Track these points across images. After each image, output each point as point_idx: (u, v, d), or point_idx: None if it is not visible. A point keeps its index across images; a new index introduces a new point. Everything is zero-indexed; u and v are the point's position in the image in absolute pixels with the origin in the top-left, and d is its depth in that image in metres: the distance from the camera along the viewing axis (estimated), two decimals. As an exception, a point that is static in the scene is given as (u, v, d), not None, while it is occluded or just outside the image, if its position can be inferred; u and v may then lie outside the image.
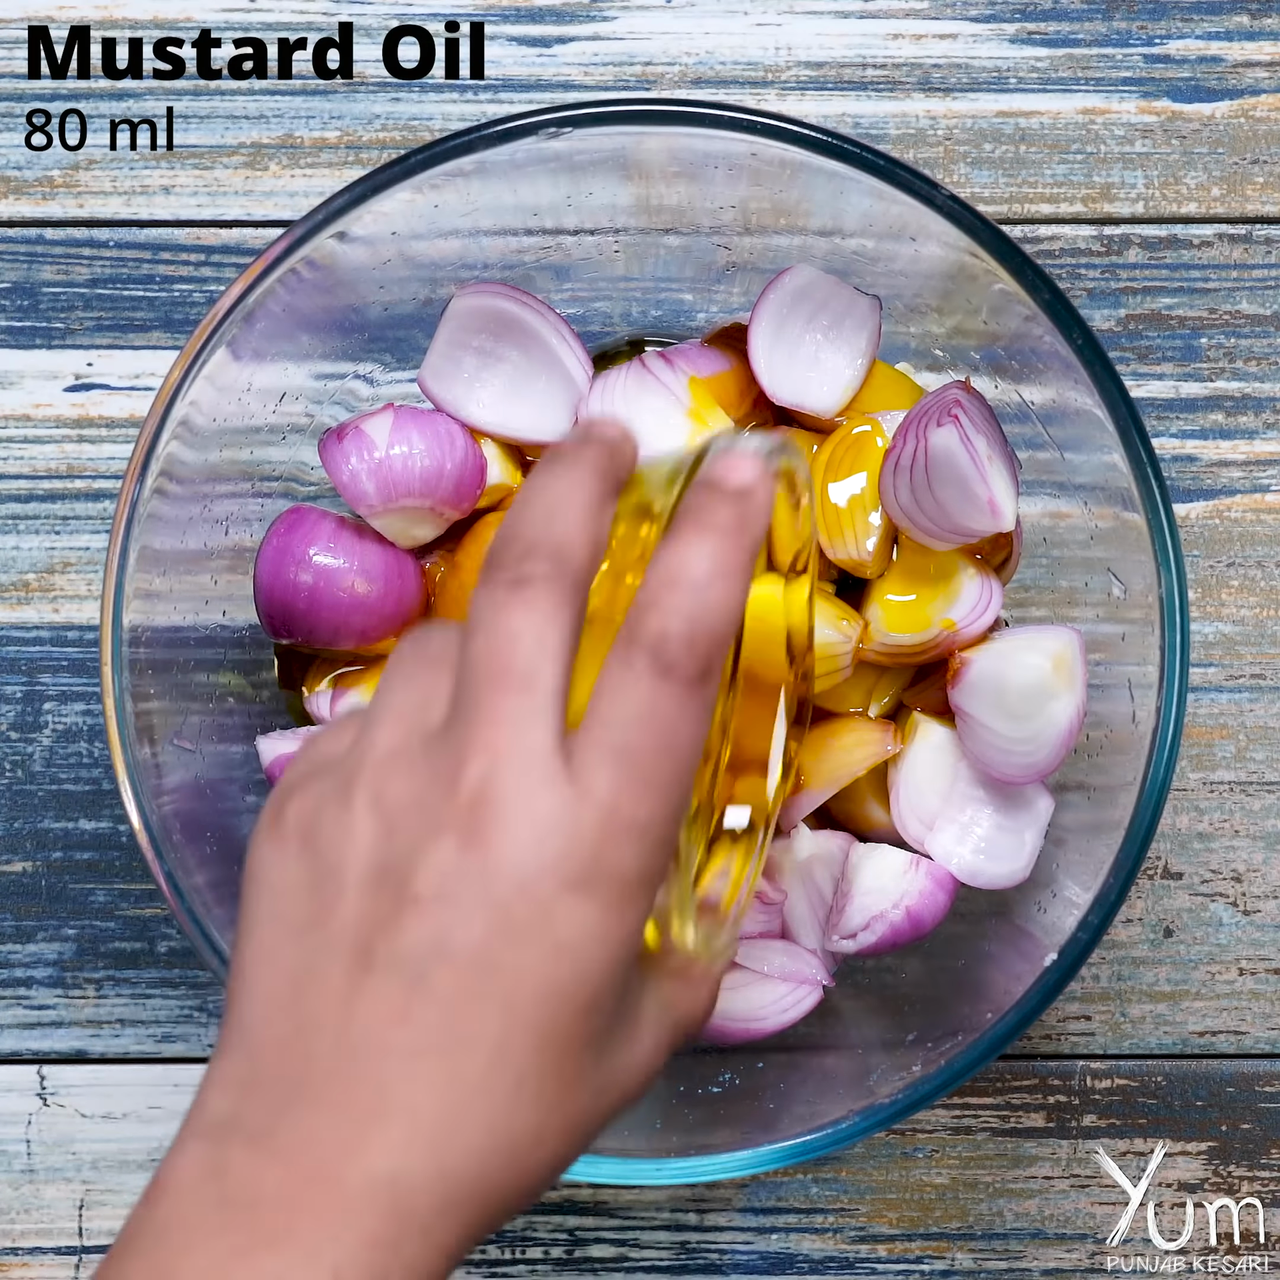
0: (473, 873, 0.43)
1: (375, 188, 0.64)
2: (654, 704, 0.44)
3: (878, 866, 0.71)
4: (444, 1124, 0.43)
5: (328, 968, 0.44)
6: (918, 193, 0.64)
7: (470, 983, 0.43)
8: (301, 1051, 0.44)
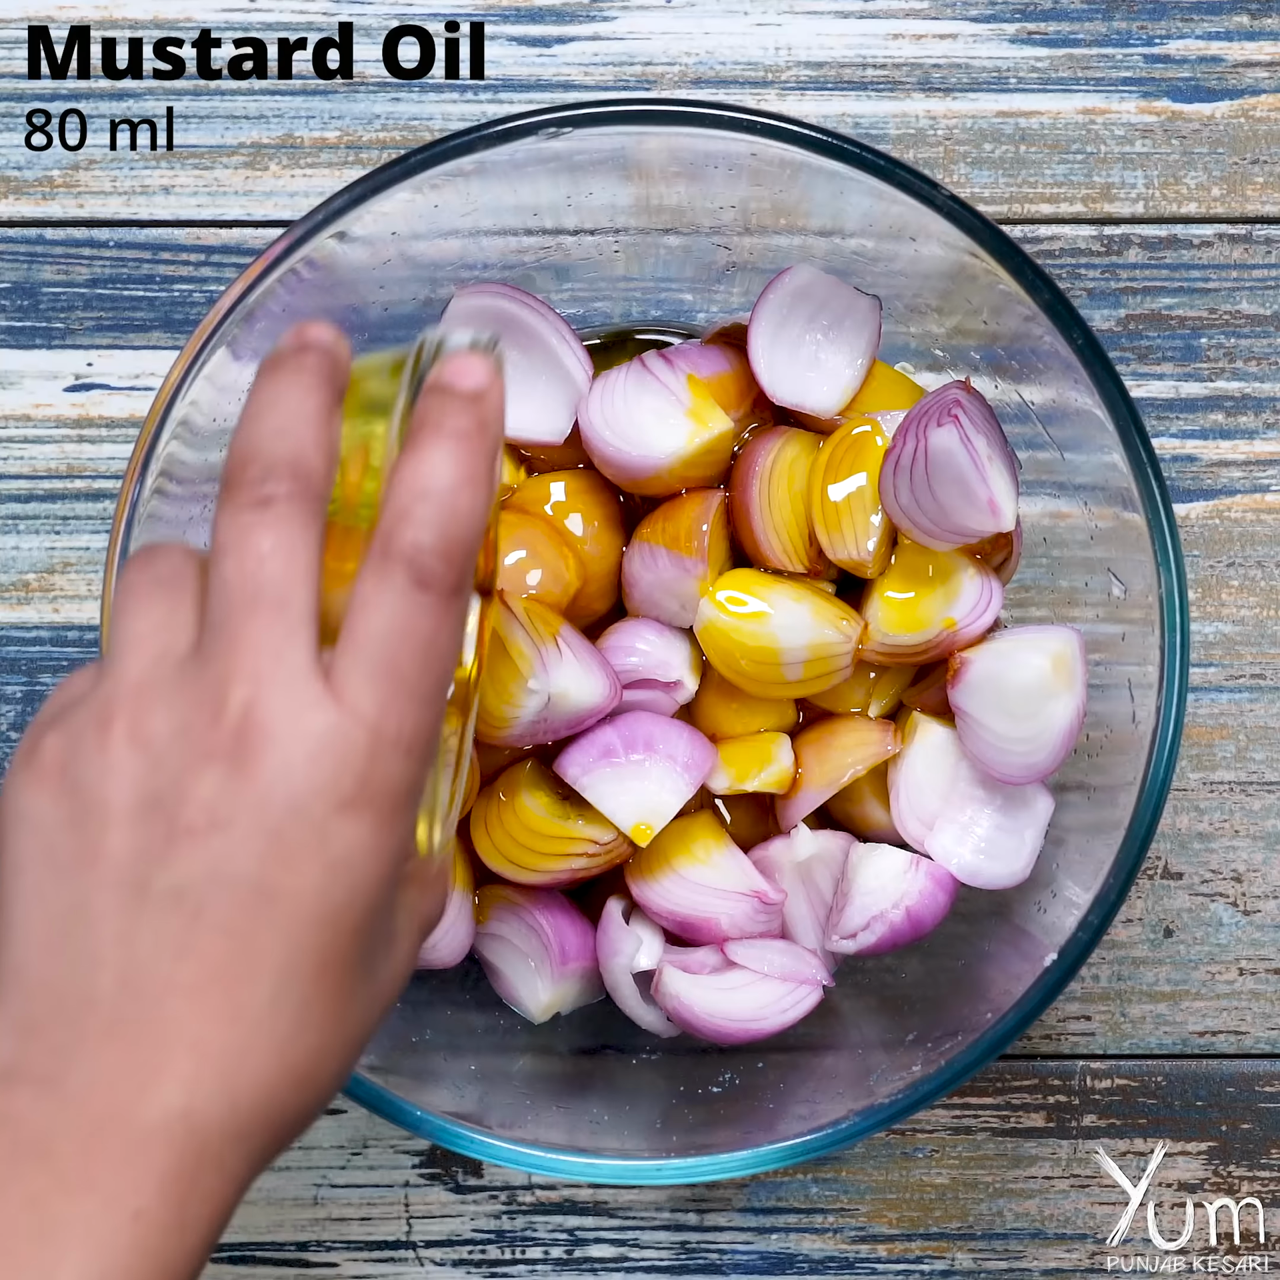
0: (244, 799, 0.43)
1: (375, 188, 0.64)
2: (412, 617, 0.44)
3: (878, 866, 0.71)
4: (231, 1056, 0.43)
5: (100, 904, 0.43)
6: (918, 193, 0.64)
7: (249, 910, 0.43)
8: (81, 991, 0.43)
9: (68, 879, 0.44)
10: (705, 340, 0.74)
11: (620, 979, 0.71)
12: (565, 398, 0.72)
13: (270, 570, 0.44)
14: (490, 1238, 0.80)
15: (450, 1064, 0.72)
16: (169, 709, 0.44)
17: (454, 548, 0.45)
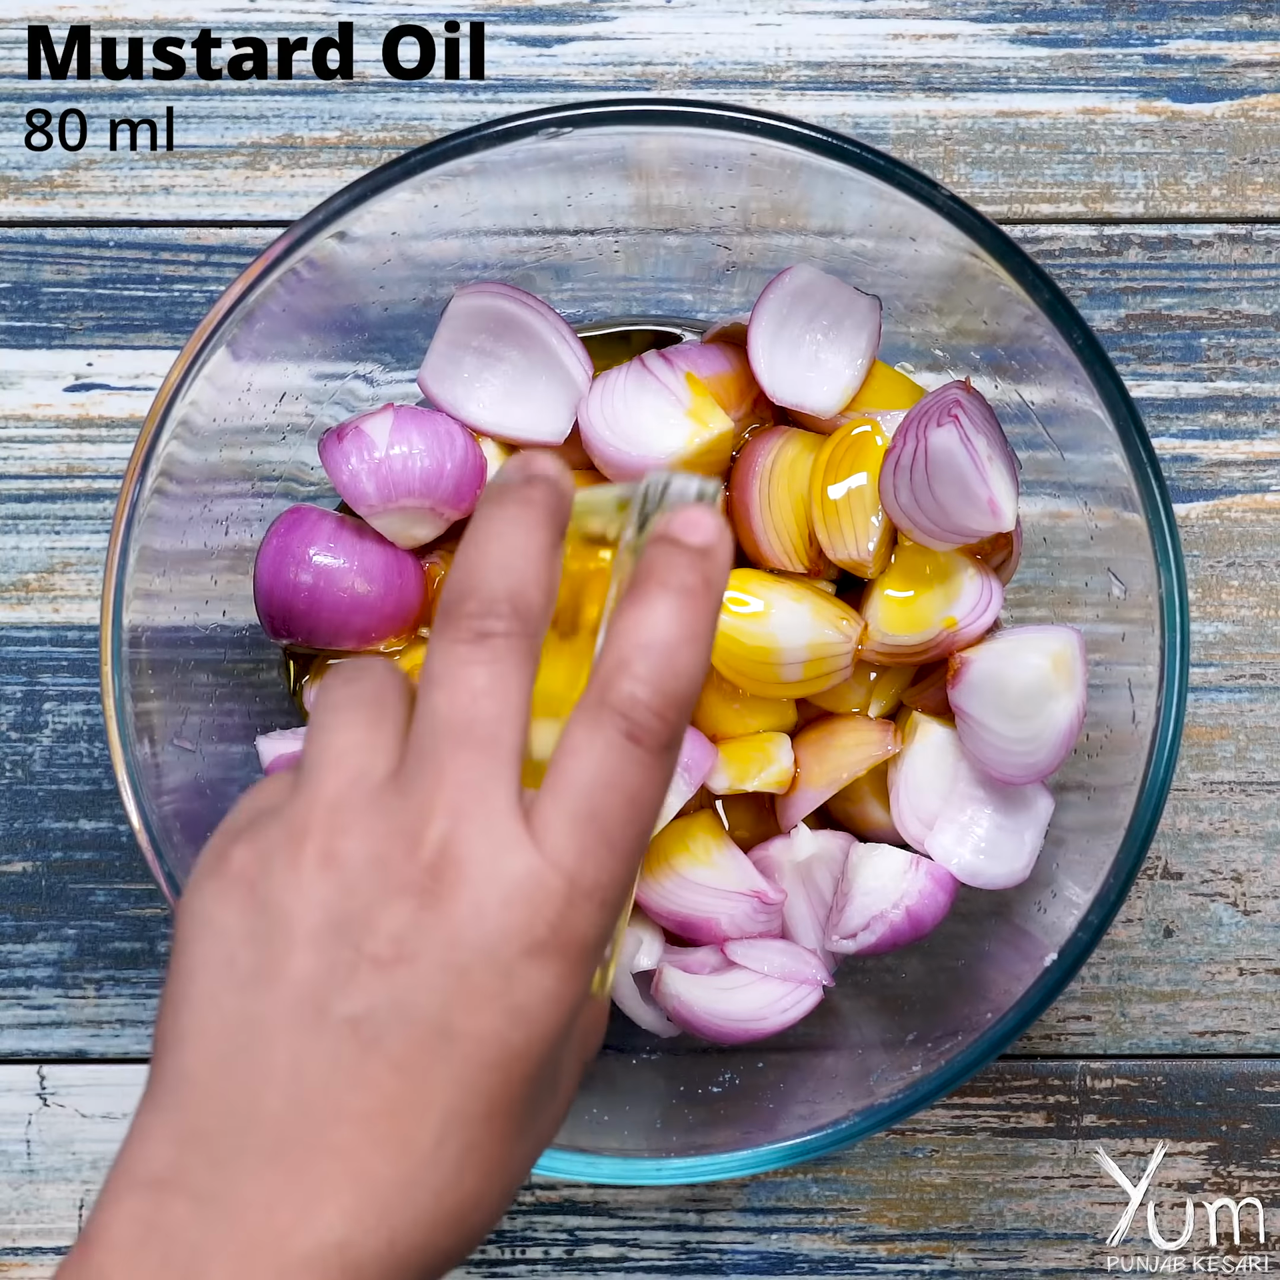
0: (434, 935, 0.42)
1: (375, 188, 0.64)
2: (622, 770, 0.43)
3: (878, 866, 0.71)
4: (395, 1191, 0.42)
5: (276, 1023, 0.43)
6: (918, 193, 0.64)
7: (426, 1047, 0.42)
8: (249, 1107, 0.42)
9: (247, 993, 0.43)
10: (705, 340, 0.74)
11: (620, 979, 0.71)
12: (565, 397, 0.72)
13: (483, 707, 0.43)
14: (490, 1237, 0.80)
15: (450, 1064, 0.72)
16: (365, 834, 0.43)
17: (670, 704, 0.44)
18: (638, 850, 0.44)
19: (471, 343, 0.72)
